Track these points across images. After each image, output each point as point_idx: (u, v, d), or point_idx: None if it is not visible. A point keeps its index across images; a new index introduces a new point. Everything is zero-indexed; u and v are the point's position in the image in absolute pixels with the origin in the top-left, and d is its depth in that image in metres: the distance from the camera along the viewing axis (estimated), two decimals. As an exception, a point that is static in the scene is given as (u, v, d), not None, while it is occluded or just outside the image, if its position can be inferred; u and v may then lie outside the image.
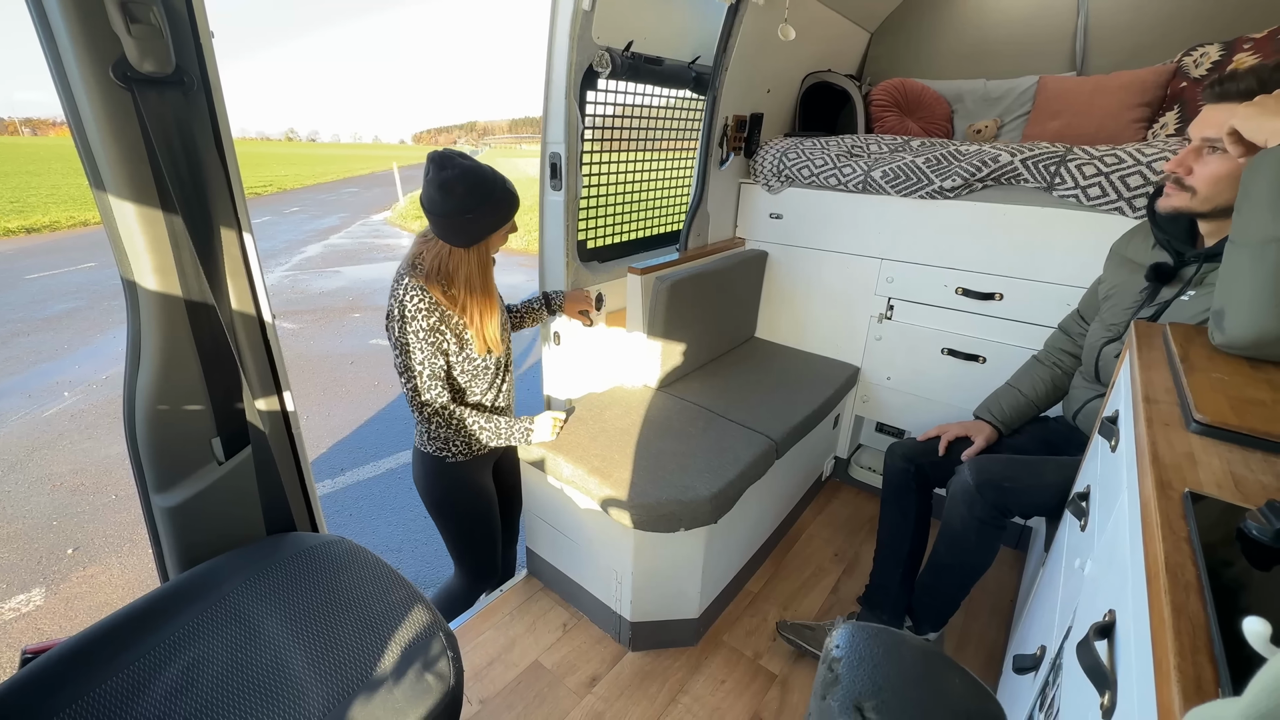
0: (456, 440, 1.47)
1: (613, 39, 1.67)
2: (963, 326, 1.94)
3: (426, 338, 1.32)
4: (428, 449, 1.48)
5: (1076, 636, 0.66)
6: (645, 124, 2.06)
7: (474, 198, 1.28)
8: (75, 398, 4.02)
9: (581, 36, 1.55)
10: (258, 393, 1.01)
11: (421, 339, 1.31)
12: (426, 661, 0.82)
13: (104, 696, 0.76)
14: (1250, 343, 0.83)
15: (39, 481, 3.09)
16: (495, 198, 1.31)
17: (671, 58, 1.93)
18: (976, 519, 1.29)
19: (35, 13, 0.75)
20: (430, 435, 1.46)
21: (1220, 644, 0.39)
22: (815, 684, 0.37)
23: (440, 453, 1.47)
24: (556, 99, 1.62)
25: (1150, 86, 1.91)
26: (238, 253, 0.94)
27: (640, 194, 2.20)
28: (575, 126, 1.65)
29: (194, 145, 0.85)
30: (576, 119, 1.65)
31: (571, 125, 1.64)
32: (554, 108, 1.64)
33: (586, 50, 1.60)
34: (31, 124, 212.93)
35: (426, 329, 1.31)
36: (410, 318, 1.30)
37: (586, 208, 1.91)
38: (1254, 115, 0.87)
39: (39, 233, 10.32)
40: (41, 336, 5.17)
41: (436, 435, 1.45)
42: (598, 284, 1.93)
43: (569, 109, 1.61)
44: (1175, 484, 0.59)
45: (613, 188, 2.03)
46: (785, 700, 1.49)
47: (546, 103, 1.65)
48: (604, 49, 1.64)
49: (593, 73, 1.66)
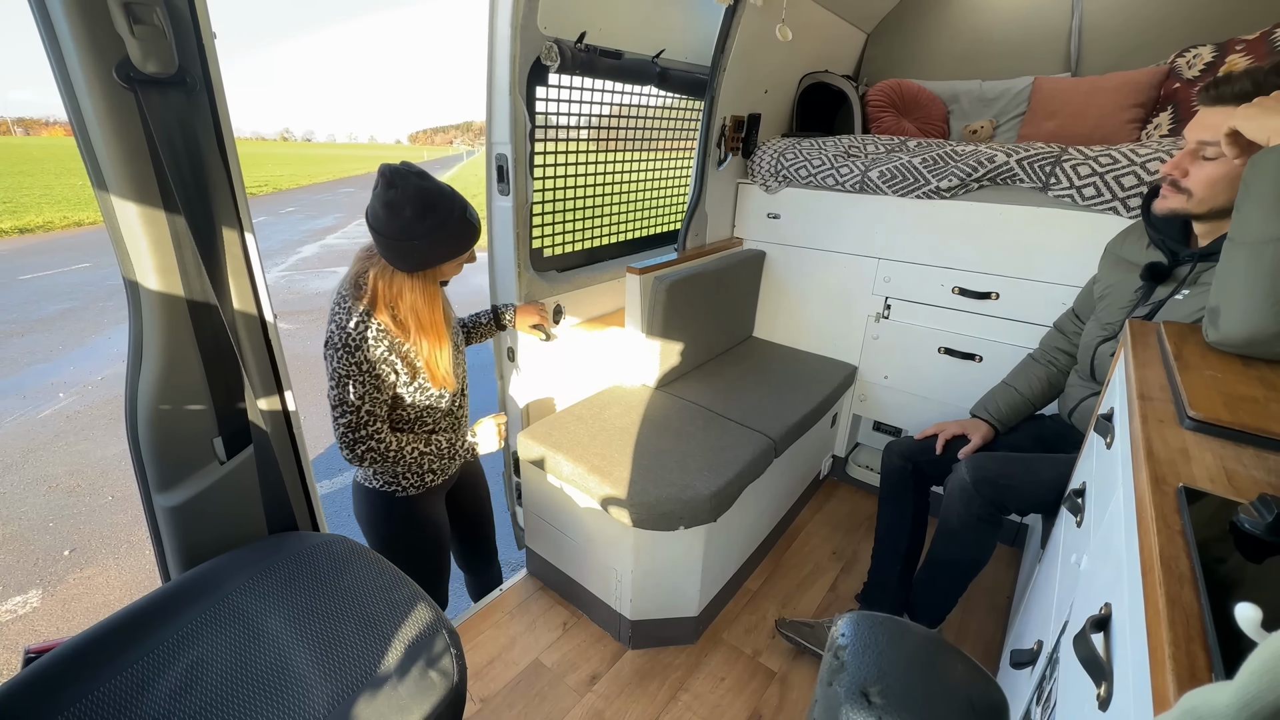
0: (407, 474, 1.34)
1: (562, 29, 1.54)
2: (959, 326, 1.95)
3: (371, 370, 1.18)
4: (373, 484, 1.33)
5: (1073, 630, 0.67)
6: (611, 123, 1.95)
7: (422, 223, 1.13)
8: (71, 399, 4.01)
9: (525, 26, 1.43)
10: (259, 392, 1.01)
11: (365, 371, 1.17)
12: (430, 659, 0.82)
13: (107, 696, 0.77)
14: (1244, 340, 0.84)
15: (35, 483, 3.08)
16: (448, 227, 1.16)
17: (633, 51, 1.81)
18: (973, 516, 1.30)
19: (38, 13, 0.75)
20: (376, 472, 1.32)
21: (1213, 633, 0.40)
22: (821, 671, 0.37)
23: (389, 487, 1.33)
24: (500, 95, 1.51)
25: (1144, 87, 1.92)
26: (239, 252, 0.95)
27: (608, 198, 2.10)
28: (523, 125, 1.54)
29: (196, 145, 0.86)
30: (524, 117, 1.54)
31: (519, 124, 1.53)
32: (498, 105, 1.52)
33: (532, 42, 1.48)
34: (25, 124, 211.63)
35: (373, 360, 1.17)
36: (355, 346, 1.15)
37: (542, 213, 1.80)
38: (1255, 115, 0.88)
39: (32, 233, 10.27)
40: (36, 337, 5.15)
41: (381, 471, 1.32)
42: (557, 295, 1.85)
43: (514, 106, 1.51)
44: (1170, 479, 0.60)
45: (574, 191, 1.92)
46: (785, 697, 1.50)
47: (490, 100, 1.53)
48: (552, 40, 1.51)
49: (541, 67, 1.53)
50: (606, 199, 2.12)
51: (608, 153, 2.02)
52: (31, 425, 3.65)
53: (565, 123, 1.78)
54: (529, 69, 1.51)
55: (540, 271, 1.83)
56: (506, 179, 1.59)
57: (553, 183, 1.83)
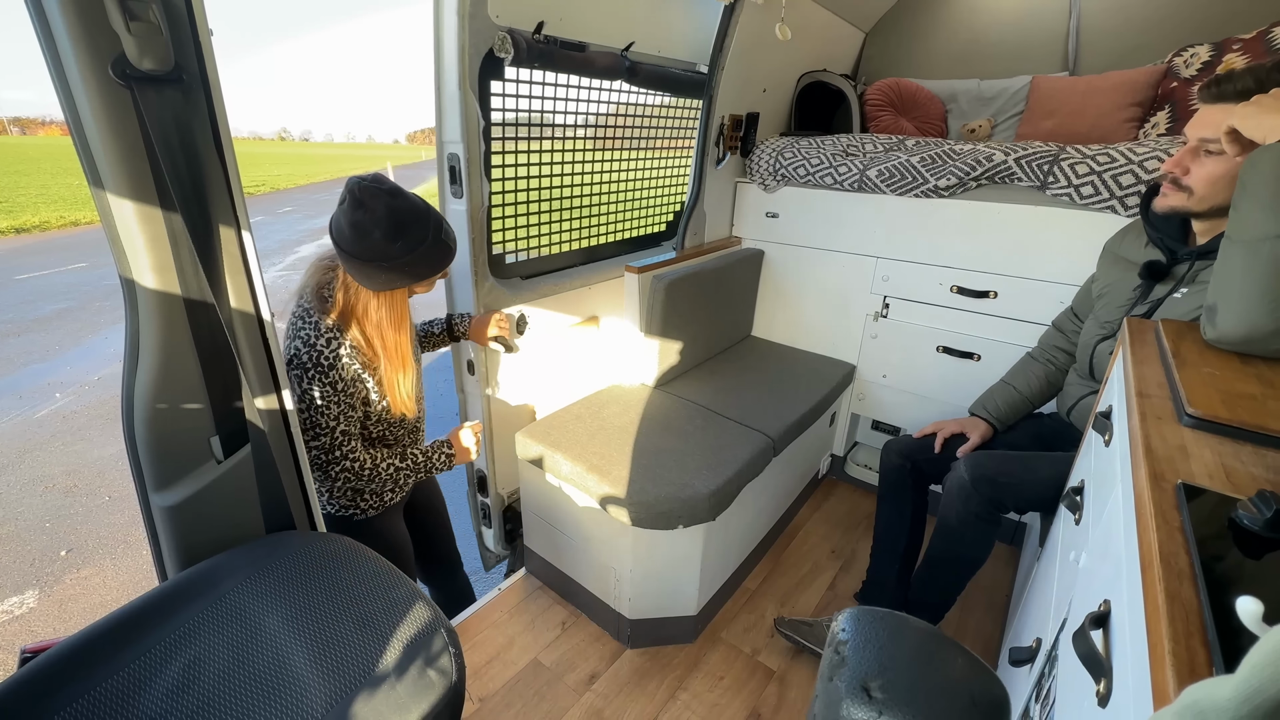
0: (368, 494, 1.28)
1: (517, 18, 1.44)
2: (957, 324, 1.95)
3: (346, 389, 1.12)
4: (329, 509, 1.28)
5: (1072, 627, 0.67)
6: (580, 120, 1.83)
7: (392, 246, 1.06)
8: (67, 399, 3.99)
9: (474, 15, 1.33)
10: (256, 391, 1.01)
11: (339, 390, 1.12)
12: (429, 657, 0.82)
13: (104, 695, 0.76)
14: (1241, 338, 0.84)
15: (31, 483, 3.07)
16: (419, 250, 1.08)
17: (598, 43, 1.68)
18: (972, 514, 1.31)
19: (34, 10, 0.74)
20: (335, 494, 1.25)
21: (1213, 628, 0.40)
22: (822, 667, 0.37)
23: (347, 511, 1.28)
24: (449, 91, 1.41)
25: (1141, 87, 1.93)
26: (236, 251, 0.94)
27: (578, 200, 1.99)
28: (475, 123, 1.44)
29: (193, 143, 0.85)
30: (477, 114, 1.44)
31: (470, 121, 1.43)
32: (448, 102, 1.42)
33: (482, 32, 1.37)
34: (20, 123, 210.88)
35: (348, 380, 1.12)
36: (328, 366, 1.09)
37: (503, 217, 1.70)
38: (1253, 114, 0.88)
39: (28, 233, 10.24)
40: (32, 337, 5.13)
41: (342, 493, 1.26)
42: (521, 304, 1.75)
43: (465, 102, 1.41)
44: (1168, 476, 0.60)
45: (539, 194, 1.82)
46: (783, 696, 1.50)
47: (438, 96, 1.43)
48: (505, 30, 1.40)
49: (495, 59, 1.42)
50: (576, 202, 2.00)
51: (577, 152, 1.92)
52: (28, 425, 3.64)
53: (526, 120, 1.66)
54: (480, 62, 1.40)
55: (502, 279, 1.73)
56: (460, 180, 1.49)
57: (514, 184, 1.71)
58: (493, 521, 1.93)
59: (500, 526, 1.94)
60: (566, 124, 1.81)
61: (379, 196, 1.05)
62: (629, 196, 2.24)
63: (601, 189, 2.10)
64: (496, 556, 2.00)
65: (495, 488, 1.88)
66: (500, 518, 1.93)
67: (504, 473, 1.90)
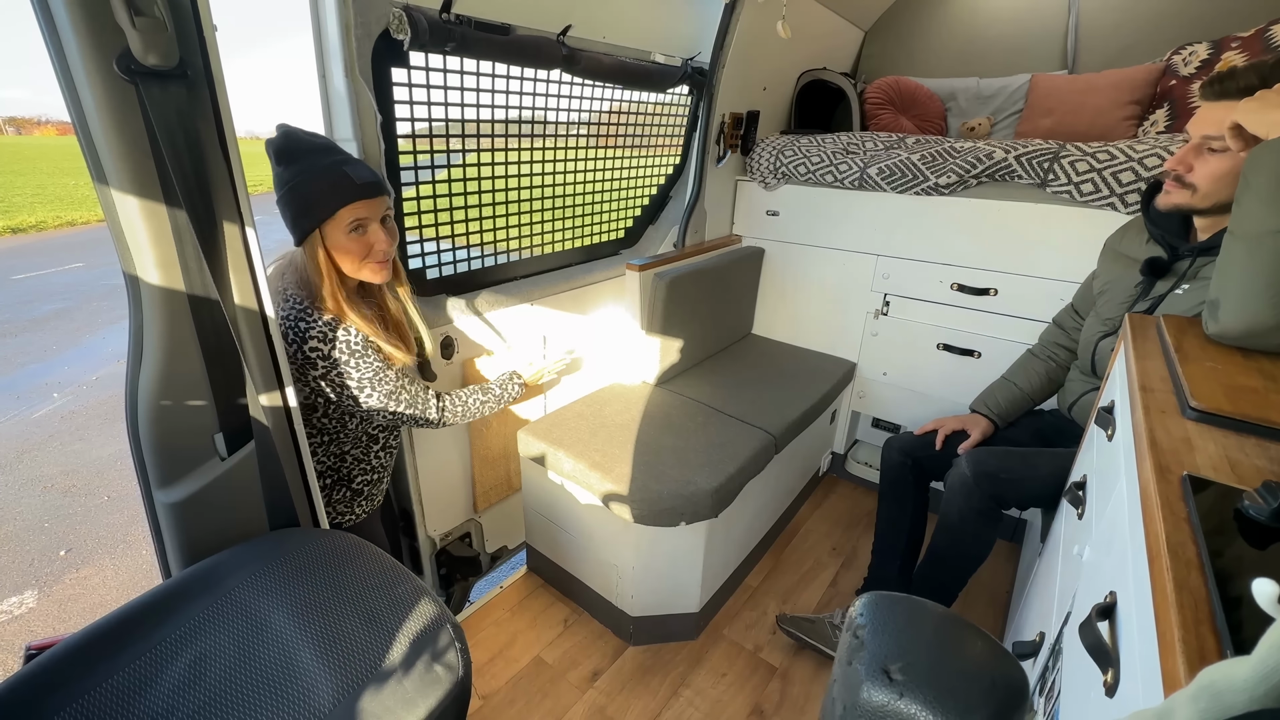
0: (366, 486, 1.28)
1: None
2: (958, 322, 1.96)
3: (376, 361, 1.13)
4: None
5: (1076, 620, 0.68)
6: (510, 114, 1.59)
7: (287, 168, 1.03)
8: (65, 399, 3.98)
9: None
10: (260, 388, 1.01)
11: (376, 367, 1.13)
12: (435, 653, 0.82)
13: (109, 692, 0.76)
14: (1243, 332, 0.85)
15: (30, 483, 3.06)
16: (300, 166, 1.04)
17: (528, 26, 1.46)
18: (974, 510, 1.31)
19: (39, 6, 0.74)
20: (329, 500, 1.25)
21: (1222, 616, 0.41)
22: (839, 651, 0.37)
23: (341, 517, 1.28)
24: (335, 79, 1.21)
25: (1140, 84, 1.94)
26: (240, 247, 0.94)
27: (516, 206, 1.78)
28: (371, 117, 1.24)
29: (197, 139, 0.85)
30: (371, 106, 1.23)
31: (364, 115, 1.23)
32: (334, 93, 1.22)
33: (373, 7, 1.16)
34: (15, 123, 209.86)
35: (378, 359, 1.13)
36: (363, 350, 1.10)
37: (420, 226, 1.51)
38: (1256, 109, 0.89)
39: (25, 233, 10.20)
40: (29, 337, 5.11)
41: (338, 498, 1.26)
42: (445, 326, 1.57)
43: (355, 93, 1.20)
44: (1174, 468, 0.60)
45: (469, 199, 1.63)
46: (786, 692, 1.51)
47: (323, 84, 1.23)
48: (400, 8, 1.19)
49: (393, 42, 1.22)
50: (515, 209, 1.79)
51: (513, 151, 1.70)
52: (26, 426, 3.63)
53: (443, 115, 1.44)
54: (373, 45, 1.21)
55: (426, 296, 1.56)
56: None
57: (430, 189, 1.51)
58: (424, 567, 1.70)
59: (433, 572, 1.74)
60: (494, 119, 1.57)
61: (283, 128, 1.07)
62: (577, 201, 2.01)
63: (542, 194, 1.86)
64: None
65: (424, 528, 1.67)
66: (432, 562, 1.73)
67: (436, 511, 1.69)
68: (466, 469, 1.78)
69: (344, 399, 1.14)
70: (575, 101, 1.79)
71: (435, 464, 1.66)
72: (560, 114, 1.78)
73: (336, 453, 1.24)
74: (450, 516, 1.78)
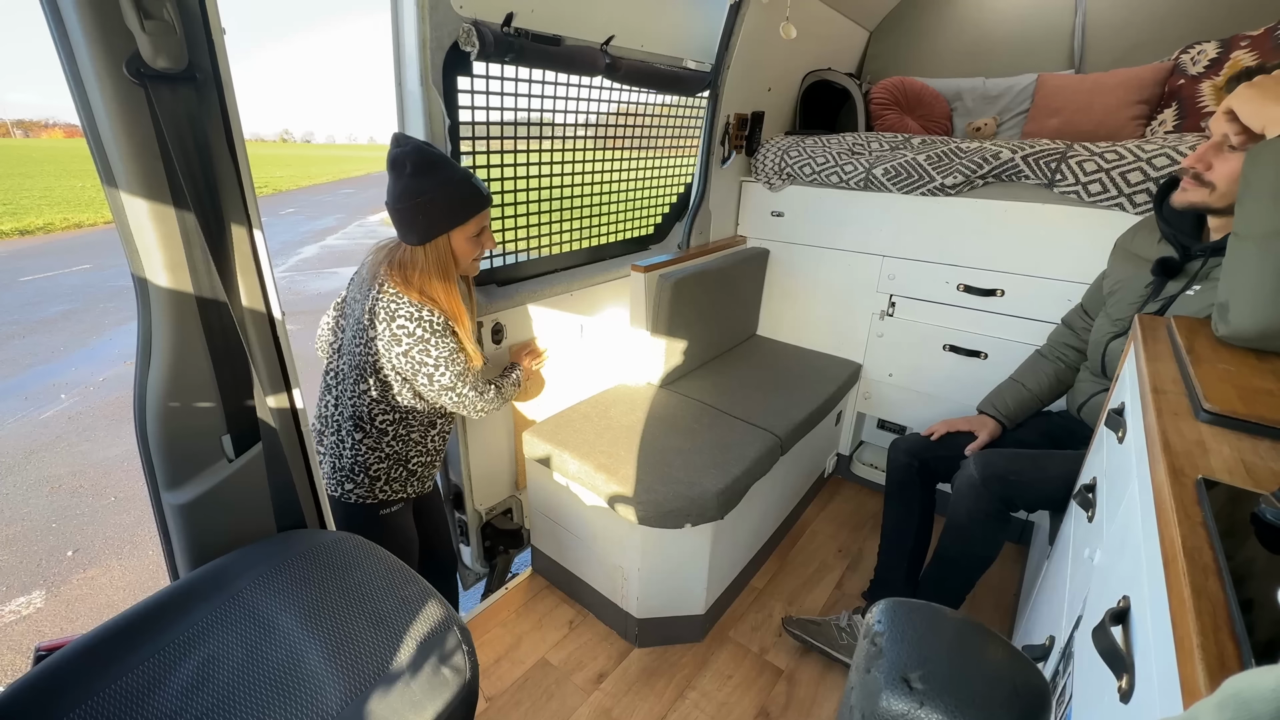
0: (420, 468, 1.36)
1: (484, 9, 1.36)
2: (964, 323, 1.95)
3: (453, 342, 1.24)
4: (352, 499, 1.32)
5: (1088, 624, 0.67)
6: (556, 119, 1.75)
7: (423, 179, 1.15)
8: (72, 400, 4.00)
9: (436, 6, 1.27)
10: (268, 390, 1.01)
11: (452, 348, 1.23)
12: (442, 655, 0.82)
13: (119, 693, 0.76)
14: (1255, 335, 0.84)
15: (37, 484, 3.08)
16: (449, 186, 1.17)
17: (575, 37, 1.59)
18: (982, 513, 1.30)
19: (48, 10, 0.74)
20: (357, 479, 1.32)
21: (1241, 622, 0.40)
22: (856, 658, 0.37)
23: (367, 499, 1.33)
24: (410, 88, 1.34)
25: (1148, 84, 1.92)
26: (248, 249, 0.94)
27: (555, 204, 1.91)
28: (440, 121, 1.38)
29: (206, 142, 0.85)
30: (441, 113, 1.37)
31: (435, 120, 1.37)
32: (409, 99, 1.36)
33: (446, 24, 1.30)
34: (23, 125, 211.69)
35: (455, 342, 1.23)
36: (443, 330, 1.20)
37: None
38: (1253, 98, 0.87)
39: (32, 235, 10.28)
40: (37, 339, 5.15)
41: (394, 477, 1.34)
42: (496, 313, 1.70)
43: (428, 99, 1.34)
44: (1188, 471, 0.60)
45: (514, 196, 1.75)
46: (792, 695, 1.50)
47: (399, 92, 1.36)
48: (470, 22, 1.32)
49: (460, 54, 1.36)
50: (554, 206, 1.92)
51: (555, 153, 1.84)
52: (33, 426, 3.65)
53: (499, 119, 1.57)
54: (445, 56, 1.34)
55: (477, 286, 1.69)
56: None
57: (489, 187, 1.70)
58: (470, 538, 1.87)
59: (479, 543, 1.88)
60: (543, 123, 1.73)
61: (412, 139, 1.19)
62: (610, 199, 2.14)
63: (579, 190, 2.00)
64: (475, 575, 1.92)
65: (473, 503, 1.82)
66: (479, 534, 1.87)
67: (482, 487, 1.84)
68: (510, 448, 1.92)
69: (419, 377, 1.24)
70: (611, 105, 1.93)
71: (483, 443, 1.80)
72: (599, 116, 1.91)
73: (403, 435, 1.32)
74: (494, 492, 1.90)
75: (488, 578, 1.94)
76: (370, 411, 1.29)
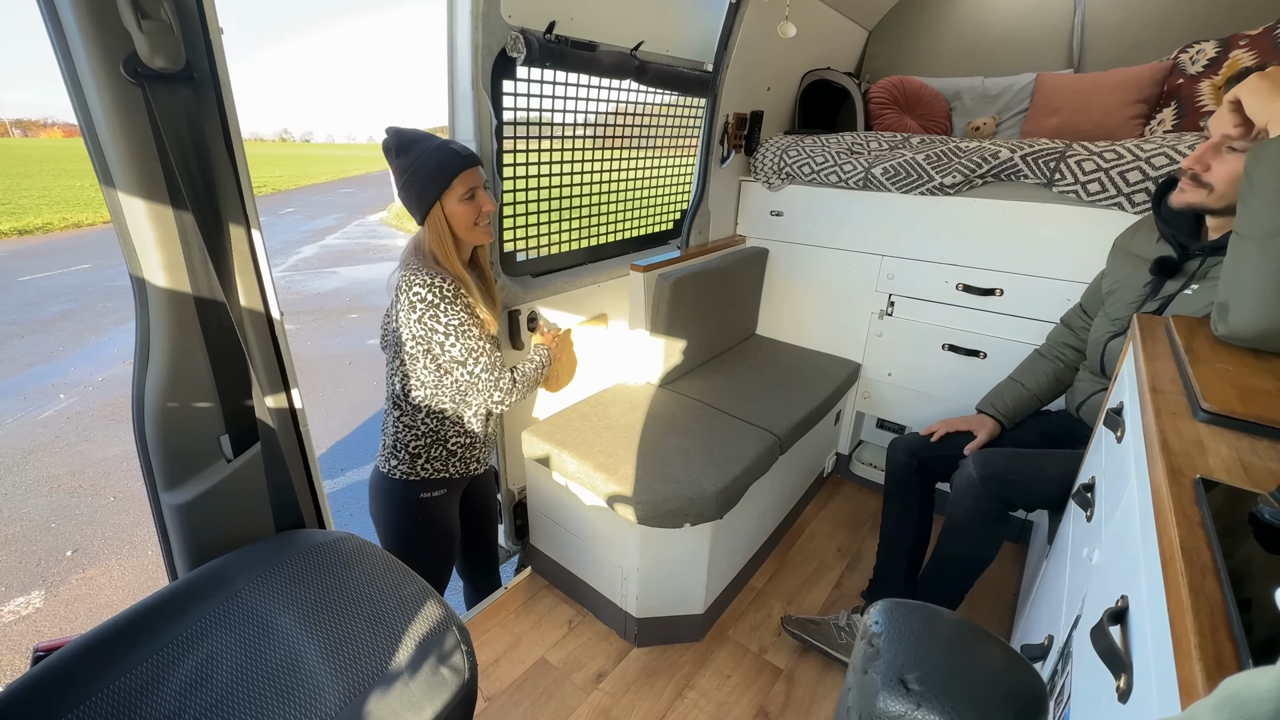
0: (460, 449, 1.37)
1: (529, 19, 1.46)
2: (963, 322, 1.95)
3: (470, 313, 1.25)
4: (396, 475, 1.35)
5: (1087, 624, 0.67)
6: (588, 119, 1.86)
7: (405, 157, 1.22)
8: (71, 400, 4.00)
9: (488, 15, 1.36)
10: (266, 390, 1.01)
11: (469, 315, 1.25)
12: (441, 655, 0.82)
13: (117, 693, 0.76)
14: (1254, 335, 0.84)
15: (36, 484, 3.07)
16: (424, 154, 1.21)
17: (608, 43, 1.69)
18: (981, 512, 1.30)
19: (46, 10, 0.74)
20: (400, 456, 1.34)
21: (1239, 622, 0.40)
22: (854, 659, 0.37)
23: (409, 477, 1.34)
24: (462, 90, 1.44)
25: (1147, 83, 1.92)
26: (246, 250, 0.94)
27: (585, 199, 2.02)
28: (488, 122, 1.48)
29: (204, 142, 0.85)
30: (489, 113, 1.47)
31: (483, 121, 1.47)
32: (460, 101, 1.46)
33: (495, 32, 1.40)
34: (22, 125, 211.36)
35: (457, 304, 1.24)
36: (452, 298, 1.22)
37: (514, 215, 1.73)
38: (1262, 90, 0.86)
39: (31, 234, 10.25)
40: (36, 338, 5.14)
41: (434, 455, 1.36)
42: (532, 301, 1.79)
43: (479, 102, 1.44)
44: (1186, 471, 0.60)
45: (549, 192, 1.85)
46: (791, 694, 1.50)
47: (451, 95, 1.46)
48: (517, 30, 1.42)
49: (507, 59, 1.45)
50: (584, 201, 2.03)
51: (584, 150, 1.94)
52: (32, 426, 3.65)
53: (537, 119, 1.69)
54: (493, 61, 1.44)
55: (513, 276, 1.77)
56: None
57: (524, 183, 1.75)
58: (503, 517, 1.94)
59: (510, 522, 1.95)
60: (575, 123, 1.83)
61: (392, 129, 1.24)
62: (635, 195, 2.25)
63: (608, 187, 2.11)
64: (507, 552, 2.00)
65: (506, 483, 1.89)
66: (510, 513, 1.94)
67: (514, 469, 1.91)
68: None
69: (433, 346, 1.26)
70: (636, 105, 2.02)
71: (517, 423, 1.84)
72: (618, 117, 2.00)
73: (436, 413, 1.34)
74: (525, 473, 1.90)
75: (519, 554, 1.99)
76: (404, 388, 1.32)
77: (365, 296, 6.68)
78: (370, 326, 5.60)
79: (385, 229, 11.73)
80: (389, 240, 10.54)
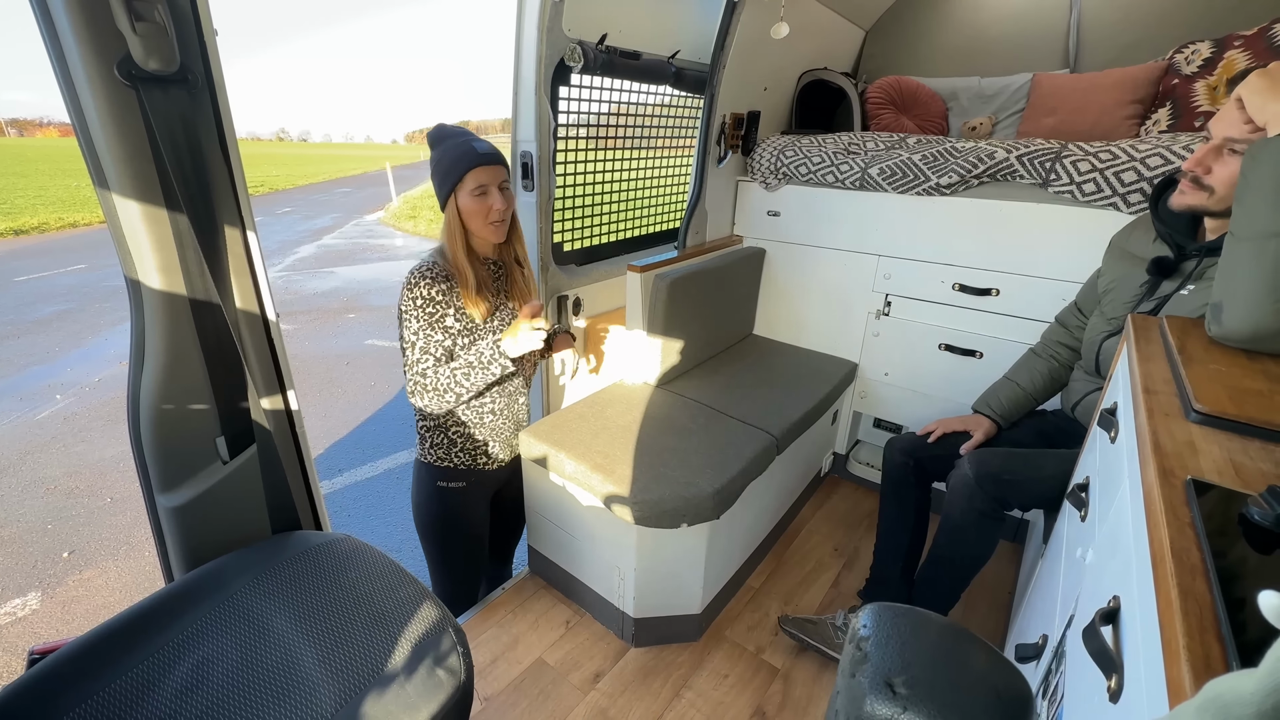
0: (460, 439, 1.43)
1: (585, 31, 1.62)
2: (960, 322, 1.96)
3: (424, 306, 1.27)
4: (421, 456, 1.45)
5: (1080, 624, 0.68)
6: (626, 121, 2.03)
7: (435, 150, 1.29)
8: (68, 400, 3.99)
9: (551, 29, 1.51)
10: (262, 391, 1.01)
11: (419, 306, 1.27)
12: (437, 657, 0.82)
13: (113, 696, 0.76)
14: (1248, 336, 0.84)
15: (33, 485, 3.06)
16: (447, 150, 1.27)
17: (649, 52, 1.88)
18: (976, 511, 1.31)
19: (39, 11, 0.74)
20: (421, 436, 1.43)
21: (1227, 624, 0.41)
22: (842, 663, 0.37)
23: (426, 460, 1.44)
24: (526, 95, 1.59)
25: (1142, 84, 1.93)
26: (241, 251, 0.94)
27: (621, 194, 2.18)
28: (547, 124, 1.62)
29: (198, 143, 0.85)
30: (548, 116, 1.62)
31: (543, 123, 1.61)
32: (524, 104, 1.61)
33: (557, 43, 1.55)
34: (18, 125, 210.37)
35: (424, 298, 1.27)
36: (411, 284, 1.27)
37: (562, 209, 1.88)
38: (1262, 89, 0.86)
39: (27, 235, 10.21)
40: (32, 339, 5.12)
41: (437, 441, 1.43)
42: (574, 288, 1.94)
43: (540, 105, 1.59)
44: (1177, 472, 0.60)
45: (592, 188, 2.01)
46: (788, 694, 1.51)
47: (516, 99, 1.61)
48: (575, 42, 1.59)
49: (564, 67, 1.61)
50: (622, 195, 2.18)
51: (624, 150, 2.09)
52: (29, 427, 3.63)
53: (586, 121, 1.86)
54: (554, 69, 1.59)
55: (560, 265, 1.90)
56: (531, 175, 1.68)
57: (572, 179, 1.89)
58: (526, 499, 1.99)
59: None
60: (614, 124, 2.01)
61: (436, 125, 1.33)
62: (663, 191, 2.42)
63: (640, 184, 2.28)
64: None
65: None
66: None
67: None
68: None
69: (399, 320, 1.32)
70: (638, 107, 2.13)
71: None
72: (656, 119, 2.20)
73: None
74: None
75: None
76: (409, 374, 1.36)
77: (363, 296, 6.66)
78: (368, 326, 5.59)
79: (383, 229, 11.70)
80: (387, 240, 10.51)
